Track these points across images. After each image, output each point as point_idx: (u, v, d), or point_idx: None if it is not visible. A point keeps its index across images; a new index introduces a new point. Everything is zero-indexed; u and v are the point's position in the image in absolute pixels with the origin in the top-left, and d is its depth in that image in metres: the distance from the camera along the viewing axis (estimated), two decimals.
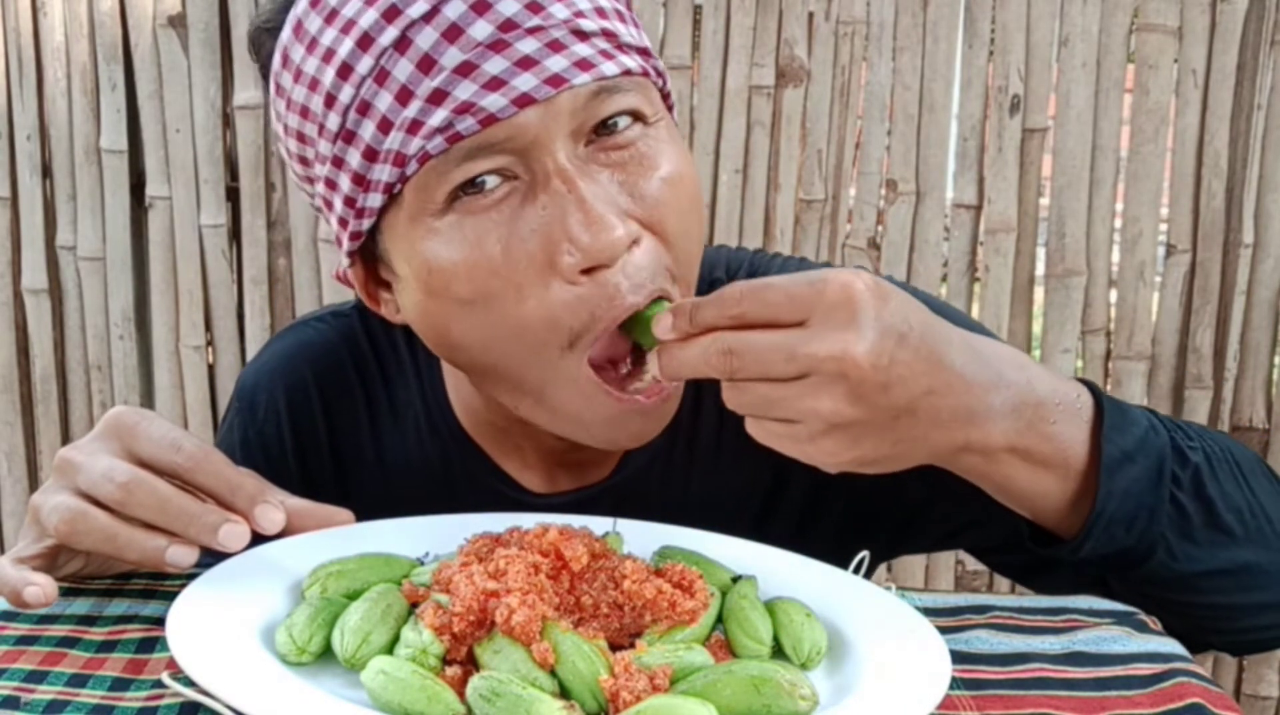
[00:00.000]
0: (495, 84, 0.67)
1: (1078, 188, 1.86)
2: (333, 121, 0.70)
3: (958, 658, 0.61)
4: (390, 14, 0.68)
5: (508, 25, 0.67)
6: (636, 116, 0.72)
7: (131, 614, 0.66)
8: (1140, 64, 1.84)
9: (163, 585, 0.70)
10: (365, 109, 0.69)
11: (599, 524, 0.73)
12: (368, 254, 0.76)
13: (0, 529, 2.14)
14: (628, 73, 0.70)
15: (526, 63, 0.67)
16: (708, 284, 0.86)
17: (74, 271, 2.03)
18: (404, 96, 0.67)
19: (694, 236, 0.75)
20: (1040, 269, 1.92)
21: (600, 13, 0.71)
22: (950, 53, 1.86)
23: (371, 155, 0.69)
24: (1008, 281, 1.90)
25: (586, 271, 0.68)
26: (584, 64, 0.68)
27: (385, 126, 0.68)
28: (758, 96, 1.90)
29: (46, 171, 2.02)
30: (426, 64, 0.67)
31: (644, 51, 0.74)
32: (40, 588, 0.62)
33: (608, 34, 0.70)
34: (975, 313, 1.94)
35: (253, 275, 2.00)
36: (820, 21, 1.87)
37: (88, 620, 0.65)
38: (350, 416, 0.89)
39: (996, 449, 0.67)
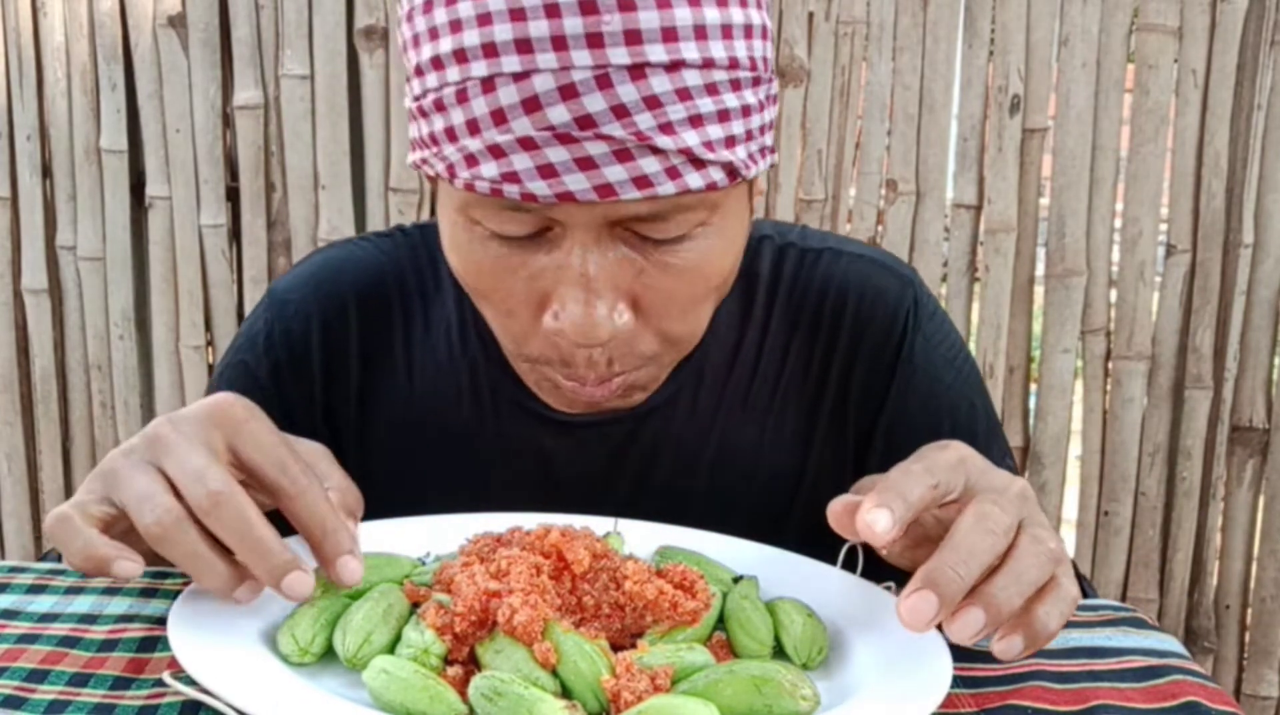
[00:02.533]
0: (548, 171, 0.66)
1: (1078, 188, 1.86)
2: (416, 86, 0.71)
3: (957, 656, 0.61)
4: (488, 50, 0.66)
5: (585, 122, 0.65)
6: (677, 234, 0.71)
7: (132, 613, 0.66)
8: (1140, 64, 1.84)
9: (163, 585, 0.70)
10: (441, 107, 0.69)
11: (600, 524, 0.73)
12: None
13: (0, 529, 2.14)
14: (687, 192, 0.68)
15: (586, 164, 0.66)
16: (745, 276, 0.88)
17: (74, 271, 2.03)
18: (473, 128, 0.67)
19: (699, 318, 0.77)
20: (1040, 269, 1.92)
21: (695, 121, 0.67)
22: (950, 53, 1.87)
23: (434, 142, 0.70)
24: (1008, 281, 1.90)
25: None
26: (643, 181, 0.67)
27: (451, 135, 0.69)
28: None
29: (46, 171, 2.02)
30: (498, 117, 0.66)
31: (725, 164, 0.69)
32: (135, 564, 0.60)
33: (684, 150, 0.67)
34: (975, 313, 1.94)
35: (253, 275, 2.00)
36: (820, 21, 1.87)
37: (88, 619, 0.65)
38: (384, 327, 0.90)
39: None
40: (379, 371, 0.91)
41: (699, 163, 0.68)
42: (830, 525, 0.63)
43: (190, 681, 0.56)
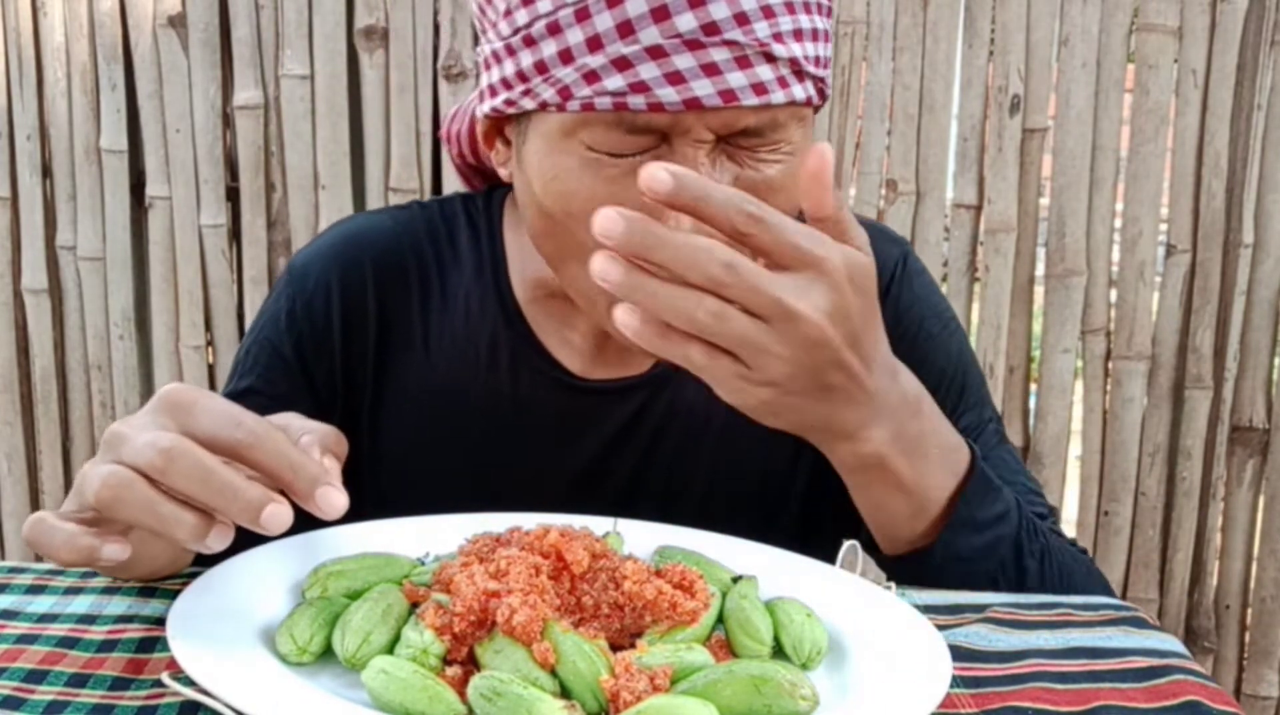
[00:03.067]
0: (676, 78, 0.70)
1: (1078, 188, 1.86)
2: (521, 17, 0.73)
3: (957, 655, 0.61)
4: None
5: (710, 28, 0.69)
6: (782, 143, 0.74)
7: (131, 613, 0.66)
8: (1140, 64, 1.84)
9: (163, 585, 0.70)
10: (555, 29, 0.71)
11: (599, 524, 0.73)
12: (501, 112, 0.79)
13: (0, 529, 2.14)
14: (794, 103, 0.73)
15: (711, 69, 0.70)
16: None
17: (74, 271, 2.03)
18: (594, 44, 0.70)
19: None
20: (1040, 269, 1.92)
21: (798, 35, 0.72)
22: (950, 53, 1.86)
23: (543, 69, 0.72)
24: (1008, 281, 1.90)
25: None
26: (760, 88, 0.71)
27: (566, 57, 0.71)
28: None
29: (46, 171, 2.02)
30: (626, 29, 0.69)
31: (819, 80, 0.75)
32: (122, 546, 0.58)
33: (793, 61, 0.72)
34: (975, 313, 1.94)
35: (253, 275, 2.00)
36: None
37: (87, 619, 0.65)
38: (401, 298, 0.91)
39: (867, 453, 0.71)
40: (396, 340, 0.92)
41: (801, 75, 0.73)
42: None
43: (189, 682, 0.55)
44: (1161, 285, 1.90)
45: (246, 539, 0.71)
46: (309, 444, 0.62)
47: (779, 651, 0.62)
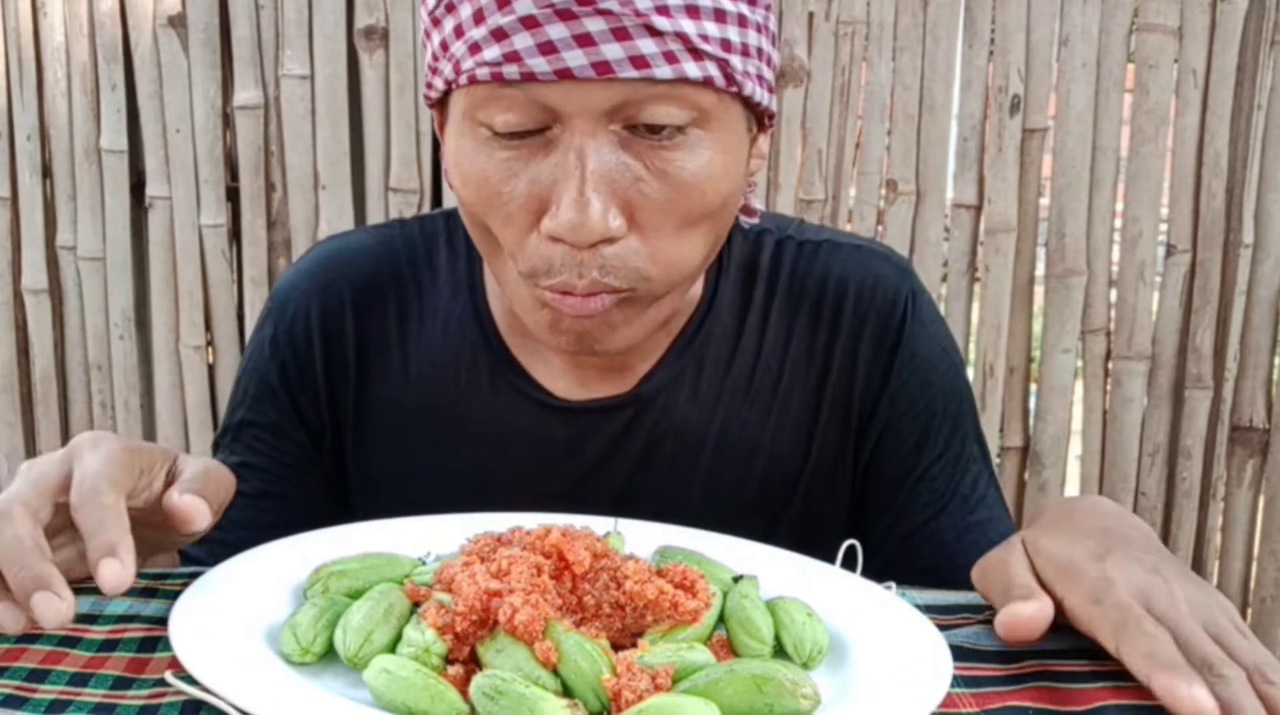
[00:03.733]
0: (548, 48, 0.68)
1: (1078, 188, 1.86)
2: (431, 0, 0.74)
3: (957, 655, 0.61)
4: None
5: None
6: (677, 127, 0.72)
7: (133, 613, 0.66)
8: (1140, 64, 1.84)
9: (164, 585, 0.70)
10: (451, 8, 0.72)
11: (600, 524, 0.73)
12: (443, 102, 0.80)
13: None
14: (684, 79, 0.70)
15: (584, 40, 0.68)
16: (744, 268, 0.91)
17: (74, 271, 2.03)
18: (477, 17, 0.70)
19: (691, 246, 0.76)
20: (1040, 269, 1.92)
21: (691, 11, 0.70)
22: (950, 53, 1.87)
23: (445, 48, 0.73)
24: (1008, 281, 1.90)
25: (558, 239, 0.72)
26: (640, 61, 0.69)
27: (458, 32, 0.72)
28: None
29: (46, 171, 2.02)
30: (503, 0, 0.69)
31: (721, 63, 0.72)
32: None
33: (681, 36, 0.69)
34: (975, 313, 1.94)
35: (253, 275, 2.00)
36: (820, 21, 1.87)
37: (88, 619, 0.65)
38: (379, 320, 0.91)
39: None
40: (375, 362, 0.91)
41: (695, 53, 0.70)
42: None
43: (192, 681, 0.56)
44: (1161, 285, 1.90)
45: (246, 540, 0.72)
46: (183, 487, 0.65)
47: (780, 651, 0.62)
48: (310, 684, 0.56)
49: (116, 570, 0.58)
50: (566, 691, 0.56)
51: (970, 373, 2.00)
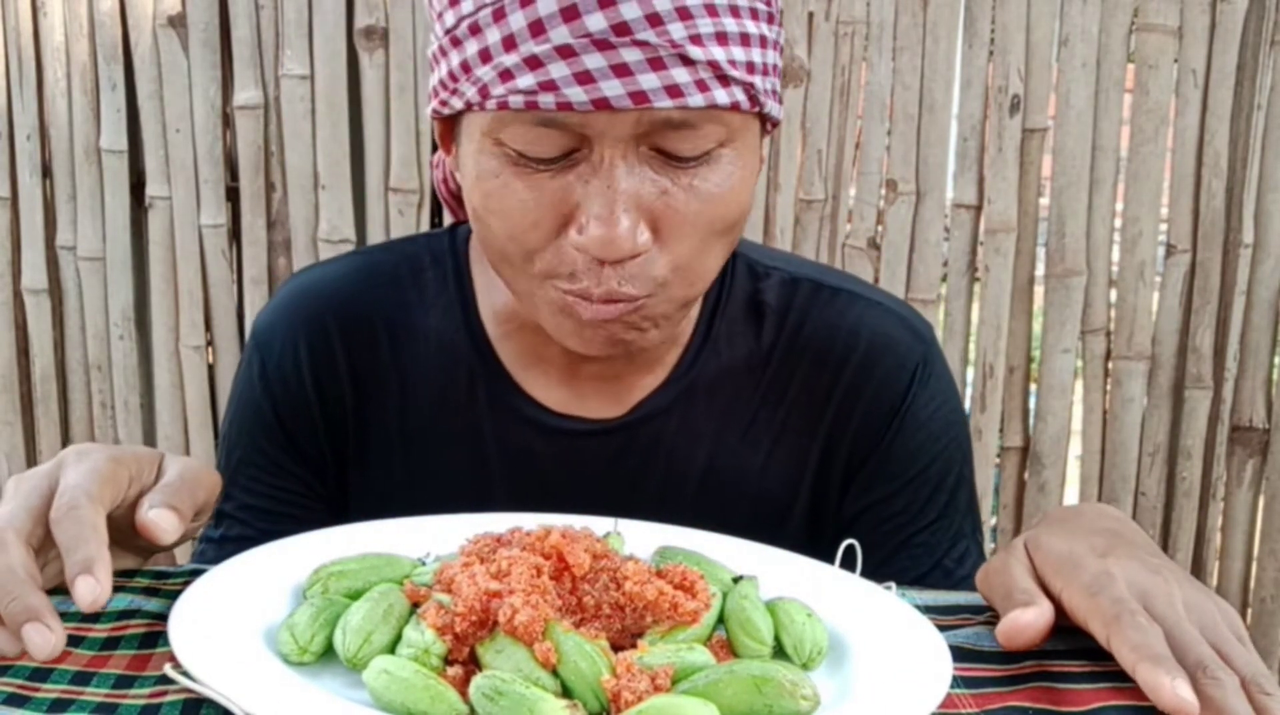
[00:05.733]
0: (585, 78, 0.69)
1: (1078, 188, 1.86)
2: (449, 19, 0.73)
3: (957, 655, 0.62)
4: None
5: (621, 29, 0.68)
6: (701, 151, 0.73)
7: (134, 609, 0.66)
8: (1140, 64, 1.84)
9: (165, 584, 0.70)
10: (475, 30, 0.71)
11: (600, 524, 0.73)
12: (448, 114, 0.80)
13: None
14: (714, 106, 0.71)
15: (621, 70, 0.69)
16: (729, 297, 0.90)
17: (74, 271, 2.03)
18: (508, 43, 0.70)
19: (713, 256, 0.77)
20: (1040, 269, 1.92)
21: (721, 38, 0.70)
22: (950, 53, 1.87)
23: (467, 69, 0.73)
24: (1008, 281, 1.90)
25: (584, 251, 0.73)
26: (674, 90, 0.69)
27: (485, 57, 0.71)
28: None
29: (46, 171, 2.02)
30: (537, 28, 0.69)
31: (748, 85, 0.73)
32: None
33: (713, 64, 0.70)
34: (975, 313, 1.94)
35: (253, 275, 2.00)
36: (820, 21, 1.87)
37: (90, 617, 0.65)
38: (370, 348, 0.91)
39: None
40: (371, 388, 0.91)
41: (724, 79, 0.71)
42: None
43: (192, 676, 0.56)
44: (1161, 285, 1.90)
45: (248, 540, 0.72)
46: (152, 501, 0.66)
47: (780, 651, 0.62)
48: (309, 684, 0.56)
49: (91, 586, 0.59)
50: (566, 692, 0.56)
51: (970, 373, 2.01)
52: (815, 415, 0.89)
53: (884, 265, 1.91)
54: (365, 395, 0.91)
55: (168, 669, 0.58)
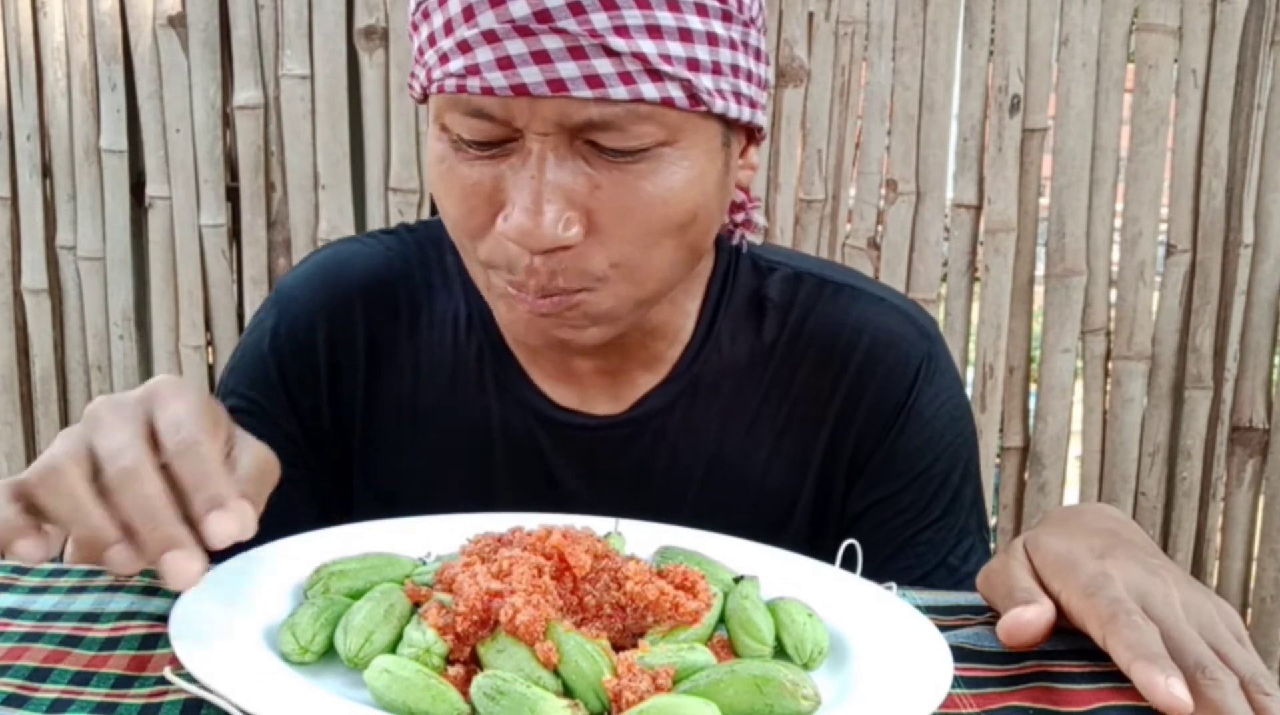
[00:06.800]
0: (506, 63, 0.69)
1: (1078, 188, 1.86)
2: (411, 5, 0.76)
3: (958, 655, 0.62)
4: None
5: (543, 15, 0.68)
6: (633, 147, 0.72)
7: (134, 610, 0.66)
8: (1140, 64, 1.84)
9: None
10: (426, 15, 0.73)
11: (601, 524, 0.73)
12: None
13: None
14: (640, 100, 0.70)
15: (541, 57, 0.69)
16: (747, 298, 0.90)
17: (74, 271, 2.04)
18: (448, 28, 0.71)
19: (661, 255, 0.76)
20: (1040, 269, 1.92)
21: (652, 31, 0.69)
22: (950, 53, 1.87)
23: (420, 54, 0.75)
24: (1008, 281, 1.90)
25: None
26: (595, 80, 0.69)
27: (431, 41, 0.73)
28: None
29: (46, 171, 2.02)
30: (468, 13, 0.70)
31: (685, 83, 0.71)
32: (35, 544, 0.57)
33: (639, 57, 0.69)
34: (975, 313, 1.94)
35: (253, 275, 2.00)
36: (820, 21, 1.87)
37: (90, 617, 0.65)
38: (390, 322, 0.91)
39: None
40: (385, 366, 0.91)
41: (655, 74, 0.70)
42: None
43: (192, 678, 0.56)
44: (1161, 285, 1.90)
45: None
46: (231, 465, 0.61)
47: (780, 651, 0.62)
48: (310, 684, 0.56)
49: (228, 520, 0.56)
50: (567, 692, 0.56)
51: (970, 373, 2.01)
52: (819, 412, 0.89)
53: (884, 265, 1.91)
54: (379, 370, 0.91)
55: (167, 672, 0.57)
